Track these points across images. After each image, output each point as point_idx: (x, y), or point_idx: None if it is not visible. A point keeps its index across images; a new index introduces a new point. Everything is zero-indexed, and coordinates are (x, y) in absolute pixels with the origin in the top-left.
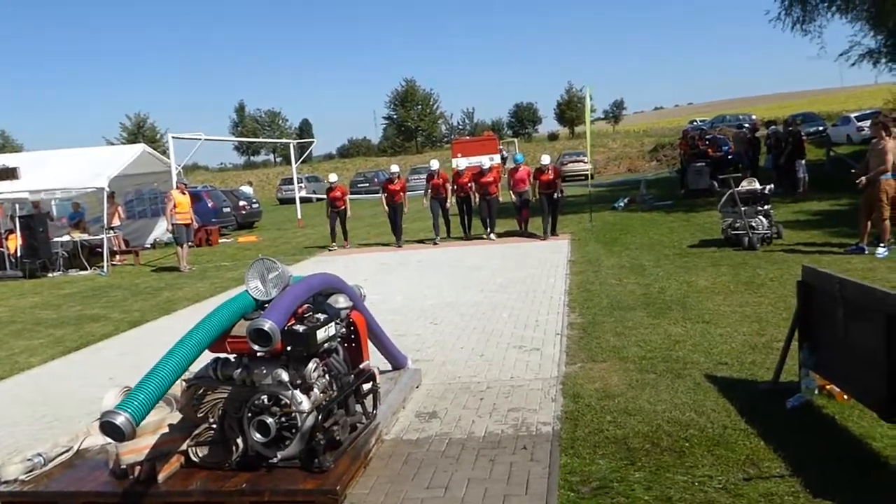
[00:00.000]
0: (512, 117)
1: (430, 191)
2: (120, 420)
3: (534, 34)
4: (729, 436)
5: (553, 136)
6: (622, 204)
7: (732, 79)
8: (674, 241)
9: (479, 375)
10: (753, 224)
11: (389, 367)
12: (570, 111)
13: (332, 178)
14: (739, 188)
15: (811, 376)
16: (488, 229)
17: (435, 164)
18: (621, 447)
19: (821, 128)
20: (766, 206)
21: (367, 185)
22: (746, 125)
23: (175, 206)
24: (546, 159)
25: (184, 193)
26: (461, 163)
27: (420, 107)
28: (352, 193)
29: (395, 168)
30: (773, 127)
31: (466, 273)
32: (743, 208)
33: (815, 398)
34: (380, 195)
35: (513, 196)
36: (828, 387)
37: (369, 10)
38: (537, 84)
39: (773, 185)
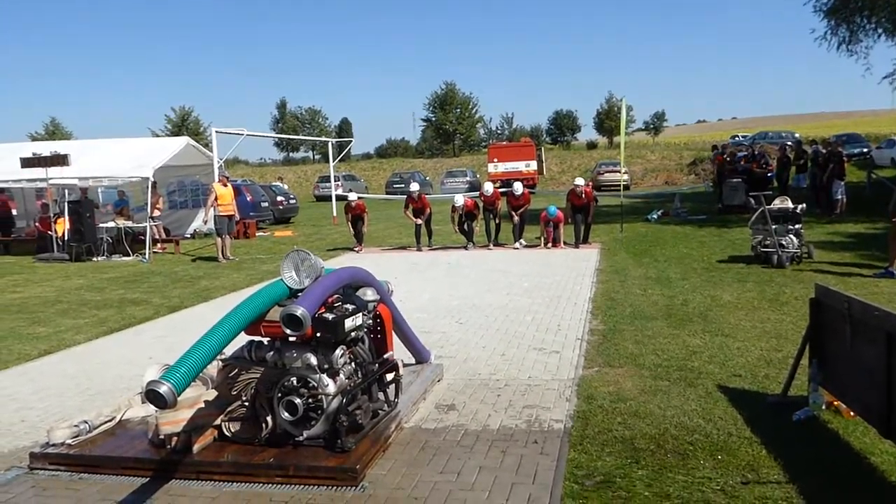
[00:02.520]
0: (551, 124)
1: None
2: (163, 389)
3: (577, 42)
4: (733, 443)
5: (592, 145)
6: (655, 216)
7: (778, 95)
8: (703, 255)
9: (499, 373)
10: (783, 242)
11: (413, 360)
12: (609, 121)
13: (352, 196)
14: (771, 206)
15: (819, 391)
16: (516, 239)
17: (459, 200)
18: (627, 447)
19: (865, 149)
20: (797, 225)
21: (403, 185)
22: (789, 143)
23: (217, 199)
24: (580, 181)
25: (226, 186)
26: (488, 188)
27: (459, 110)
28: (387, 193)
29: (415, 187)
30: (814, 146)
31: (494, 277)
32: (773, 226)
33: (821, 413)
34: (404, 210)
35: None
36: (835, 403)
37: (412, 11)
38: (578, 92)
39: (804, 205)
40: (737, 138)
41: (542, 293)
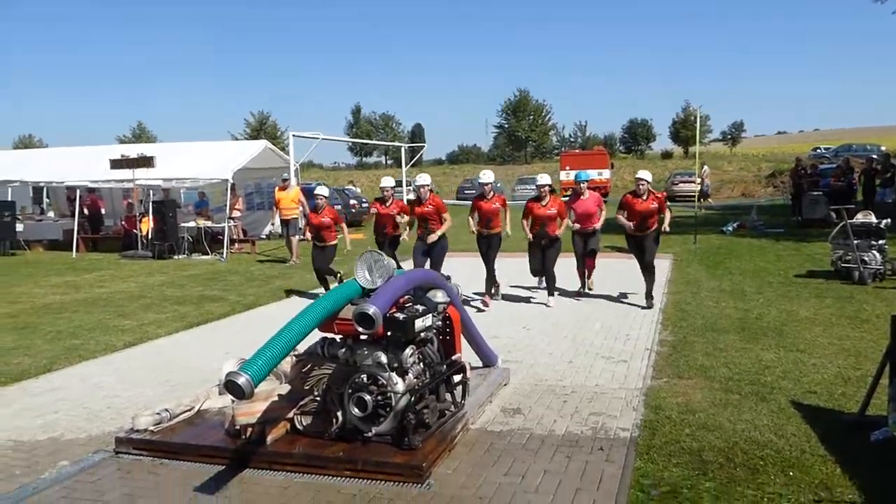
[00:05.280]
0: (625, 133)
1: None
2: (242, 380)
3: (654, 49)
4: (805, 460)
5: (667, 155)
6: (731, 228)
7: (863, 106)
8: (780, 269)
9: (566, 380)
10: (865, 258)
11: (480, 363)
12: (685, 130)
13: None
14: (853, 220)
15: None
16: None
17: (489, 177)
18: (695, 458)
19: None
20: (880, 241)
21: (474, 191)
22: (875, 156)
23: (278, 203)
24: (645, 175)
25: (284, 190)
26: (544, 179)
27: (532, 117)
28: (458, 199)
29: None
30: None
31: (561, 284)
32: (855, 241)
33: None
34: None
35: (574, 238)
36: None
37: (487, 18)
38: (654, 100)
39: (889, 220)
40: (819, 150)
41: (612, 302)
